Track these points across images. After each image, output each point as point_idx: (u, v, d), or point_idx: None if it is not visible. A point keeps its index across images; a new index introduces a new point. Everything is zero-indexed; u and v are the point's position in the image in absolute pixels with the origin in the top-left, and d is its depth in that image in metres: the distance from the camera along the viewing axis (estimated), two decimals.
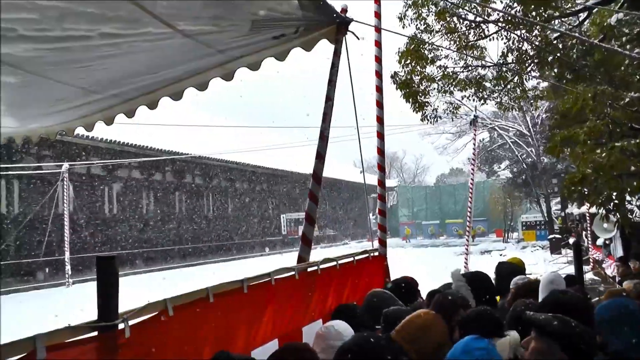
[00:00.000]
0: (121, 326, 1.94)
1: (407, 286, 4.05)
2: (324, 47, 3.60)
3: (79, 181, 24.74)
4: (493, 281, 4.09)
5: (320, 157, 3.68)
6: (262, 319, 2.91)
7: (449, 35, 10.48)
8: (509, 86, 11.21)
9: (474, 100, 11.98)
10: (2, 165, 20.50)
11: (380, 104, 4.93)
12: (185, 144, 28.57)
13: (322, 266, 3.62)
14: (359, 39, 3.81)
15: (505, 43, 10.29)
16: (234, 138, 34.06)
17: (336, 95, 3.78)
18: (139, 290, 9.65)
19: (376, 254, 4.72)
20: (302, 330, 3.35)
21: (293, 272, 3.24)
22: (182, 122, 26.53)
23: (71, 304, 14.59)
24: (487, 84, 11.34)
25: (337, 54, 3.59)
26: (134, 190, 28.54)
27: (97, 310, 1.92)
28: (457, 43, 10.57)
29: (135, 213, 28.42)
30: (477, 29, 10.47)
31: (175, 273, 24.92)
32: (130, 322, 1.99)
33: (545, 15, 9.27)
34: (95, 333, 1.89)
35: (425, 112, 11.11)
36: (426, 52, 10.55)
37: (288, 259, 20.99)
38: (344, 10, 3.47)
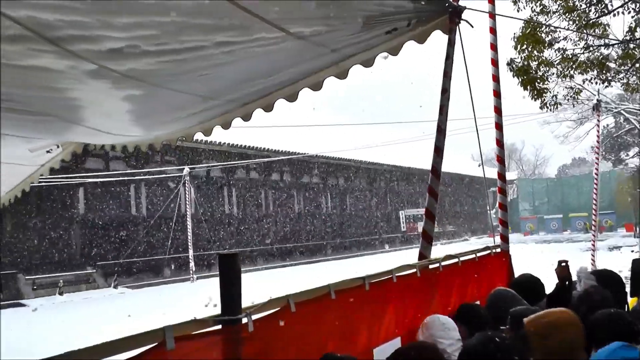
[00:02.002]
0: (244, 320, 2.00)
1: (532, 285, 3.81)
2: (436, 38, 3.51)
3: (200, 183, 26.24)
4: (624, 280, 3.76)
5: (439, 151, 3.59)
6: (384, 316, 2.89)
7: (567, 14, 9.84)
8: (637, 65, 10.30)
9: (596, 83, 11.18)
10: (130, 171, 22.39)
11: (497, 94, 4.71)
12: (302, 144, 29.26)
13: (443, 263, 3.53)
14: (472, 27, 3.66)
15: (633, 17, 9.45)
16: (350, 136, 34.31)
17: (452, 86, 3.67)
18: (259, 286, 10.03)
19: (498, 250, 4.52)
20: None
21: (414, 270, 3.19)
22: (298, 123, 27.16)
23: (196, 298, 15.49)
24: (612, 65, 10.49)
25: (451, 44, 3.48)
26: (253, 191, 29.73)
27: (221, 304, 1.99)
28: (577, 22, 9.89)
29: (254, 212, 29.60)
30: (599, 5, 9.72)
31: (294, 270, 25.55)
32: (253, 317, 2.04)
33: None
34: (219, 326, 1.96)
35: (544, 99, 10.52)
36: (543, 35, 9.98)
37: (409, 255, 20.79)
38: None
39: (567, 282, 3.46)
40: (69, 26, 1.90)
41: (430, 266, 3.43)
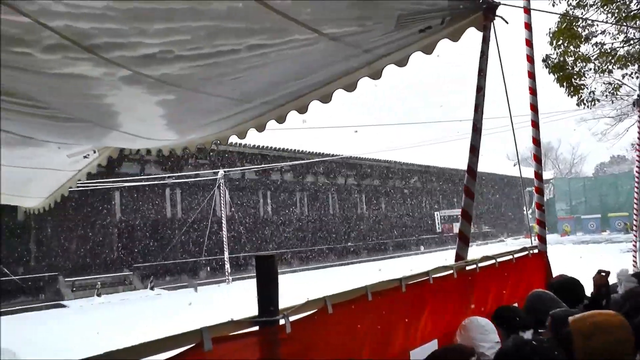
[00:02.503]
0: (282, 322, 2.00)
1: (571, 287, 3.70)
2: (470, 35, 3.45)
3: (234, 186, 26.53)
4: None
5: (474, 150, 3.53)
6: (421, 318, 2.85)
7: (605, 7, 9.57)
8: None
9: (637, 77, 10.82)
10: (165, 175, 22.80)
11: (533, 91, 4.61)
12: (335, 145, 29.30)
13: (480, 264, 3.46)
14: (507, 23, 3.60)
15: None
16: (384, 136, 34.25)
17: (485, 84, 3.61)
18: (295, 287, 10.05)
19: (536, 251, 4.42)
20: None
21: (451, 271, 3.14)
22: (332, 123, 27.19)
23: (232, 299, 15.63)
24: None
25: (485, 41, 3.43)
26: (287, 193, 29.92)
27: (258, 306, 1.99)
28: (616, 15, 9.61)
29: (289, 214, 29.77)
30: None
31: (329, 272, 25.55)
32: (291, 319, 2.04)
33: None
34: (256, 328, 1.97)
35: (581, 96, 10.27)
36: (580, 29, 9.75)
37: (444, 257, 20.57)
38: None
39: (603, 292, 3.36)
40: (104, 34, 1.93)
41: (467, 267, 3.38)
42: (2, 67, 2.13)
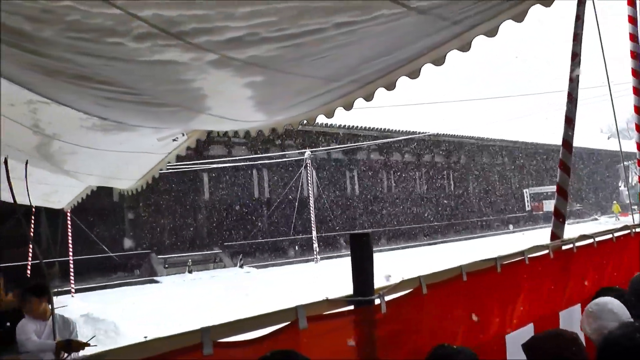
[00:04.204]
0: (377, 302, 1.97)
1: None
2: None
3: (321, 166, 26.80)
4: None
5: (570, 121, 3.35)
6: (516, 300, 2.74)
7: None
8: None
9: None
10: (252, 156, 23.40)
11: (636, 55, 4.27)
12: (422, 122, 28.86)
13: (577, 244, 3.28)
14: None
15: None
16: (470, 111, 33.30)
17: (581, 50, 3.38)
18: (384, 267, 10.03)
19: (639, 230, 4.12)
20: (560, 314, 3.07)
21: (547, 251, 2.99)
22: (418, 100, 26.71)
23: (321, 278, 15.86)
24: None
25: (581, 3, 3.20)
26: (373, 172, 29.89)
27: (353, 285, 1.97)
28: None
29: (375, 193, 29.78)
30: None
31: (418, 251, 25.37)
32: (386, 298, 2.01)
33: None
34: (351, 307, 1.95)
35: None
36: None
37: (535, 236, 19.79)
38: None
39: None
40: (191, 20, 1.96)
41: (564, 247, 3.21)
42: (98, 57, 2.22)
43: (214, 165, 21.88)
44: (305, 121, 3.88)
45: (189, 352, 1.57)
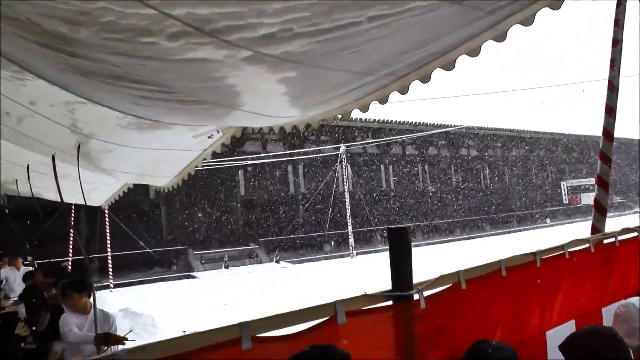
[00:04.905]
0: (416, 297, 1.95)
1: None
2: None
3: (356, 161, 26.78)
4: None
5: (611, 111, 3.25)
6: (557, 296, 2.67)
7: None
8: None
9: None
10: (287, 152, 23.54)
11: None
12: (457, 115, 28.92)
13: (620, 237, 3.18)
14: None
15: None
16: (505, 103, 32.95)
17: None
18: (421, 262, 9.95)
19: None
20: (602, 311, 2.98)
21: (587, 245, 2.91)
22: (452, 92, 26.62)
23: (358, 273, 15.85)
24: None
25: None
26: (409, 166, 29.78)
27: (391, 280, 1.95)
28: None
29: (411, 188, 29.64)
30: None
31: (454, 245, 25.15)
32: (425, 294, 1.99)
33: None
34: (390, 302, 1.93)
35: None
36: None
37: (573, 230, 19.30)
38: None
39: None
40: (224, 18, 1.97)
41: (605, 241, 3.12)
42: (132, 57, 2.25)
43: (250, 162, 22.07)
44: (340, 116, 3.87)
45: (227, 347, 1.58)
